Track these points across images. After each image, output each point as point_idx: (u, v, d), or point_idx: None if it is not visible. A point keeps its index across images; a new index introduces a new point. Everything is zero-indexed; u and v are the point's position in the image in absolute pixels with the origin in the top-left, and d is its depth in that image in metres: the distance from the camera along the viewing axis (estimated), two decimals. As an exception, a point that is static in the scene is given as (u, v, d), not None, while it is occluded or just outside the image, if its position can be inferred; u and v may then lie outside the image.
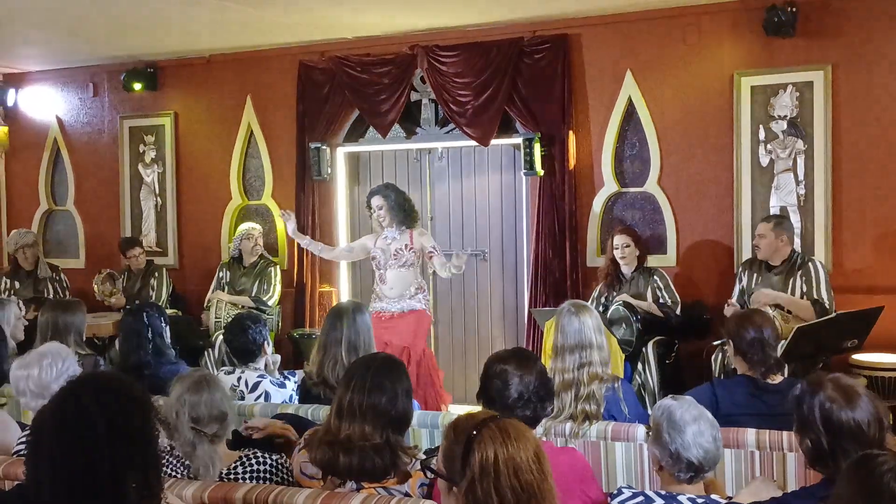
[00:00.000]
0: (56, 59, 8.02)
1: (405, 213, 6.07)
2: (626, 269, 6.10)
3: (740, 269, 5.85)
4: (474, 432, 2.02)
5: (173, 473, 2.96)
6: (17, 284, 7.42)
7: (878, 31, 5.88)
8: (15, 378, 3.52)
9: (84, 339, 4.97)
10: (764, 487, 2.59)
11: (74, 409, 1.95)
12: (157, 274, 7.54)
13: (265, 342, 4.50)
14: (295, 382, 4.51)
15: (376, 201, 6.08)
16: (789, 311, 5.38)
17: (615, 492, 2.70)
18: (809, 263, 5.51)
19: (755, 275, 5.67)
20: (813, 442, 2.44)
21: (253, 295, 7.14)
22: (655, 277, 6.04)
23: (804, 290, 5.43)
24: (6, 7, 6.04)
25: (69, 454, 1.91)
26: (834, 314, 5.19)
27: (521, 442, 2.01)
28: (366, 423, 2.83)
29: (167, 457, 3.00)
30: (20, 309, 5.32)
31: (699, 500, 2.53)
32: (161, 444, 2.54)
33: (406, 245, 6.01)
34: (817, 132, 6.00)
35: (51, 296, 7.31)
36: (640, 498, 2.59)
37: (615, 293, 6.04)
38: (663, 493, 2.59)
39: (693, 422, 2.60)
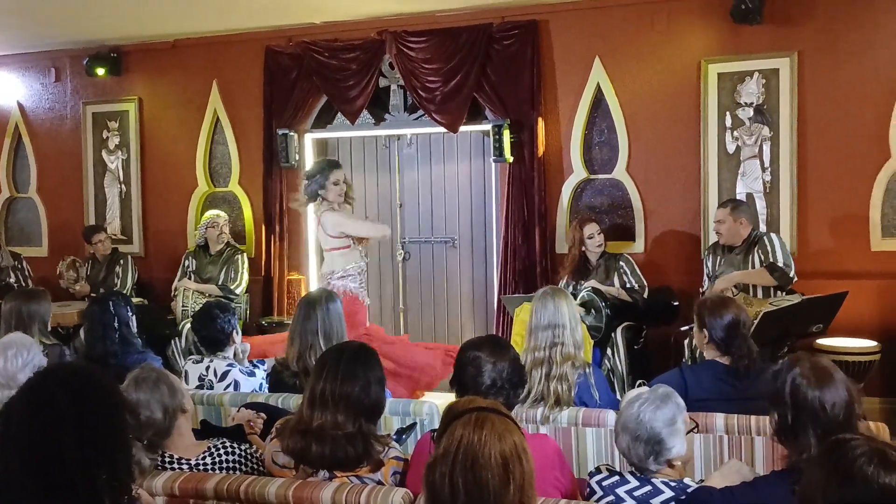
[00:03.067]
0: (17, 43, 7.86)
1: None
2: (593, 257, 6.12)
3: (705, 255, 5.92)
4: (456, 416, 2.00)
5: None
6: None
7: (844, 19, 5.93)
8: (-21, 369, 3.47)
9: (49, 328, 4.90)
10: (736, 470, 2.62)
11: (43, 400, 1.92)
12: (122, 262, 7.46)
13: (234, 331, 4.46)
14: (264, 371, 4.49)
15: (344, 175, 5.78)
16: (753, 294, 5.45)
17: (594, 470, 2.73)
18: (765, 237, 5.58)
19: (718, 258, 5.75)
20: (780, 415, 2.51)
21: (220, 283, 7.08)
22: (621, 263, 6.08)
23: (761, 259, 5.50)
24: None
25: (38, 445, 1.89)
26: (800, 299, 5.26)
27: (493, 439, 1.92)
28: (338, 413, 2.81)
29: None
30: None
31: (672, 484, 2.57)
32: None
33: None
34: (783, 119, 6.06)
35: (12, 284, 7.19)
36: (616, 478, 2.63)
37: (582, 281, 6.06)
38: (638, 475, 2.61)
39: (637, 437, 2.62)
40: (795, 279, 5.42)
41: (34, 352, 3.59)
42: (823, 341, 5.55)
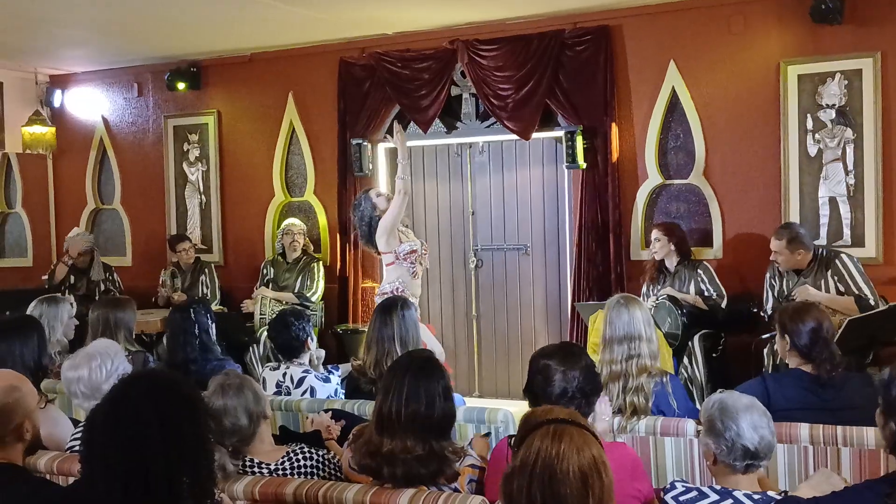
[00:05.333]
0: (101, 59, 8.13)
1: None
2: (670, 263, 6.04)
3: (769, 276, 5.66)
4: (534, 427, 1.98)
5: None
6: (72, 278, 7.54)
7: (930, 16, 5.74)
8: (66, 380, 3.53)
9: (133, 335, 5.03)
10: (825, 480, 2.52)
11: (127, 407, 1.97)
12: (206, 271, 7.65)
13: (308, 338, 4.53)
14: (339, 376, 4.54)
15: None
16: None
17: (668, 486, 2.66)
18: (837, 260, 5.34)
19: (785, 279, 5.53)
20: None
21: (296, 291, 7.19)
22: (699, 270, 5.96)
23: (840, 289, 5.28)
24: (52, 8, 6.13)
25: (122, 452, 1.93)
26: (887, 305, 5.08)
27: (572, 452, 1.89)
28: (406, 437, 2.76)
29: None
30: (72, 307, 5.37)
31: (755, 497, 2.48)
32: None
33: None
34: (867, 121, 5.87)
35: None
36: (694, 492, 2.54)
37: (660, 287, 5.98)
38: (718, 487, 2.54)
39: (746, 410, 2.58)
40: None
41: (119, 359, 3.58)
42: (910, 349, 5.35)
